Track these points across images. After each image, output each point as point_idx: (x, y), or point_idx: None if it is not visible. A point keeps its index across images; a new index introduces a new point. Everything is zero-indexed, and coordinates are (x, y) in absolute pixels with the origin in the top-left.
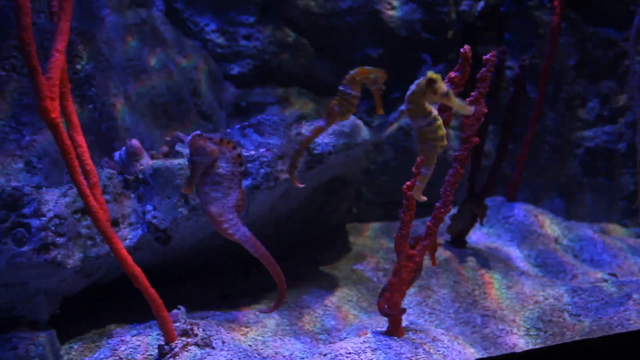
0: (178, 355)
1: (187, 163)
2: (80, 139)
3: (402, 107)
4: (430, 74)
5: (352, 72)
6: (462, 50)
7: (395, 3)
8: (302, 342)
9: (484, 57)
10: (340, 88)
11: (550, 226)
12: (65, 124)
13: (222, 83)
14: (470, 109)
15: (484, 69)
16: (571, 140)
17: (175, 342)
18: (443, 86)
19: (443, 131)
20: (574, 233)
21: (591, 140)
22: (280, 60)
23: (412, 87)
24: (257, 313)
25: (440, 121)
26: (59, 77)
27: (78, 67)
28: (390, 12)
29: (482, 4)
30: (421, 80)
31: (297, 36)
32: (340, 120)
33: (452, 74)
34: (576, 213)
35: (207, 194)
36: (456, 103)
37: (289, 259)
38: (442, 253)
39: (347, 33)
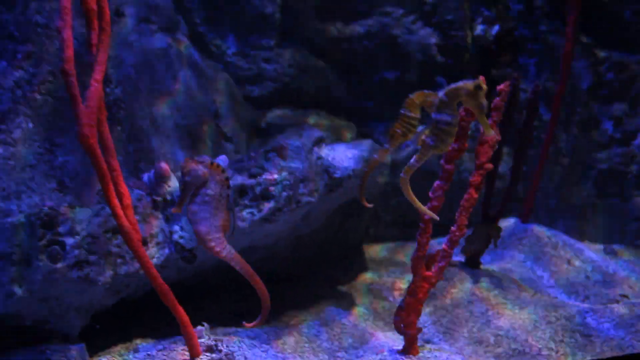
0: None
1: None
2: (115, 163)
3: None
4: (482, 81)
5: (411, 95)
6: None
7: (412, 27)
8: (321, 359)
9: (497, 87)
10: (401, 111)
11: (563, 247)
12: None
13: (243, 104)
14: (493, 133)
15: (497, 98)
16: (584, 162)
17: (200, 357)
18: (484, 98)
19: (451, 139)
20: (587, 254)
21: (604, 162)
22: (299, 82)
23: (460, 83)
24: (277, 330)
25: (455, 129)
26: (97, 106)
27: (107, 90)
28: (407, 37)
29: (496, 28)
30: (469, 82)
31: (316, 59)
32: (403, 140)
33: None
34: (589, 234)
35: (195, 213)
36: (485, 120)
37: (308, 278)
38: (457, 274)
39: (364, 57)
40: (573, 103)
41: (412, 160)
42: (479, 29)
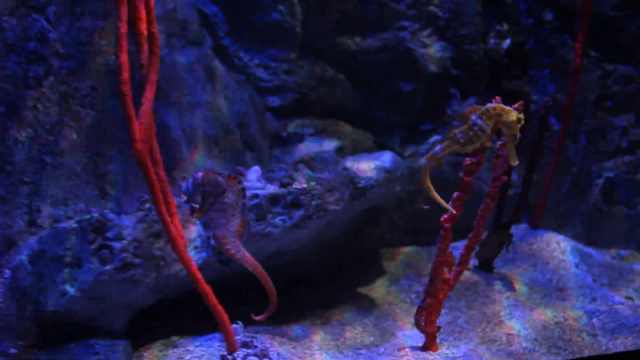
0: None
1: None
2: (163, 174)
3: (434, 139)
4: (522, 116)
5: (490, 104)
6: (494, 100)
7: (427, 41)
8: (345, 356)
9: (512, 106)
10: (472, 117)
11: (571, 252)
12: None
13: (265, 114)
14: (517, 162)
15: None
16: (592, 171)
17: (237, 352)
18: (518, 130)
19: (478, 144)
20: (594, 259)
21: (611, 171)
22: (318, 93)
23: (507, 108)
24: (304, 328)
25: (484, 139)
26: (148, 122)
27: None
28: (422, 50)
29: (508, 42)
30: (515, 113)
31: (334, 71)
32: (459, 150)
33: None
34: (596, 240)
35: (213, 219)
36: (513, 149)
37: (329, 282)
38: (471, 277)
39: (381, 69)
40: (582, 114)
41: (436, 149)
42: (491, 42)
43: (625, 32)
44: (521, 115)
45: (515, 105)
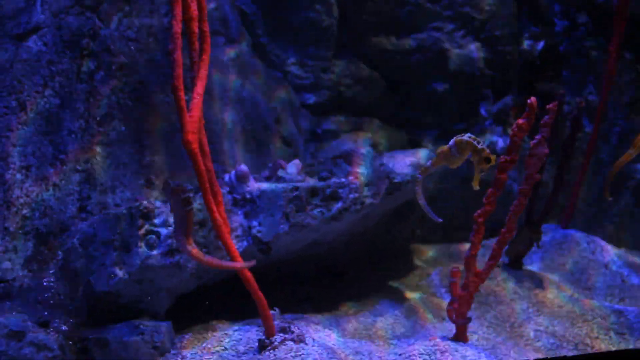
0: (277, 348)
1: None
2: (210, 165)
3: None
4: (493, 158)
5: (465, 137)
6: (529, 101)
7: (461, 42)
8: (377, 345)
9: (547, 106)
10: (450, 143)
11: (601, 253)
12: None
13: (300, 111)
14: (477, 186)
15: (547, 116)
16: (623, 173)
17: (275, 337)
18: (486, 168)
19: (455, 164)
20: (623, 260)
21: None
22: (353, 92)
23: (481, 147)
24: (337, 318)
25: (459, 162)
26: (198, 115)
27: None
28: (457, 51)
29: (542, 43)
30: (487, 153)
31: (370, 70)
32: (445, 164)
33: (520, 121)
34: (626, 241)
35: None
36: (477, 176)
37: (361, 274)
38: (501, 273)
39: (416, 69)
40: (614, 116)
41: (428, 163)
42: (525, 44)
43: None
44: (492, 157)
45: (550, 106)
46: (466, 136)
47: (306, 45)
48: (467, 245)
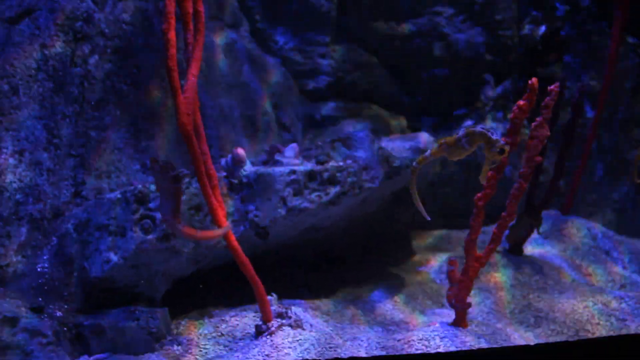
0: (274, 334)
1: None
2: (206, 148)
3: (467, 124)
4: (507, 148)
5: (478, 129)
6: (530, 82)
7: (461, 27)
8: (375, 331)
9: (549, 87)
10: (460, 134)
11: (601, 239)
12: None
13: (299, 97)
14: (484, 179)
15: (548, 97)
16: (625, 160)
17: (272, 322)
18: (498, 159)
19: (458, 157)
20: (624, 246)
21: None
22: (353, 77)
23: (495, 138)
24: (336, 303)
25: (464, 154)
26: (193, 97)
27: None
28: (457, 35)
29: (543, 28)
30: (501, 144)
31: (369, 56)
32: (446, 155)
33: (521, 102)
34: (627, 229)
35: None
36: (486, 169)
37: (360, 260)
38: (501, 260)
39: (415, 54)
40: (616, 102)
41: (427, 153)
42: (526, 28)
43: None
44: (506, 147)
45: (552, 87)
46: (479, 127)
47: (305, 31)
48: (467, 232)
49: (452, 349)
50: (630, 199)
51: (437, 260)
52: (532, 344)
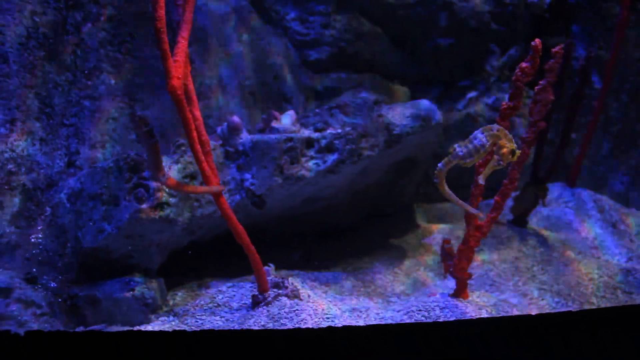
0: (270, 304)
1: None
2: (198, 114)
3: (470, 95)
4: (518, 152)
5: (495, 126)
6: (533, 43)
7: None
8: (375, 303)
9: (552, 49)
10: (475, 132)
11: (608, 211)
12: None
13: (301, 68)
14: (484, 180)
15: (552, 60)
16: (634, 131)
17: (268, 292)
18: (505, 160)
19: (475, 159)
20: (632, 219)
21: None
22: (355, 47)
23: (510, 136)
24: (335, 275)
25: (482, 153)
26: (183, 60)
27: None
28: (462, 4)
29: None
30: (513, 146)
31: (372, 25)
32: (459, 163)
33: (523, 64)
34: (636, 201)
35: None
36: (489, 171)
37: (363, 231)
38: (505, 231)
39: (419, 23)
40: (625, 71)
41: (440, 165)
42: None
43: None
44: (517, 151)
45: (556, 49)
46: (495, 127)
47: (306, 1)
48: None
49: (452, 319)
50: (639, 172)
51: (441, 233)
52: (533, 314)
